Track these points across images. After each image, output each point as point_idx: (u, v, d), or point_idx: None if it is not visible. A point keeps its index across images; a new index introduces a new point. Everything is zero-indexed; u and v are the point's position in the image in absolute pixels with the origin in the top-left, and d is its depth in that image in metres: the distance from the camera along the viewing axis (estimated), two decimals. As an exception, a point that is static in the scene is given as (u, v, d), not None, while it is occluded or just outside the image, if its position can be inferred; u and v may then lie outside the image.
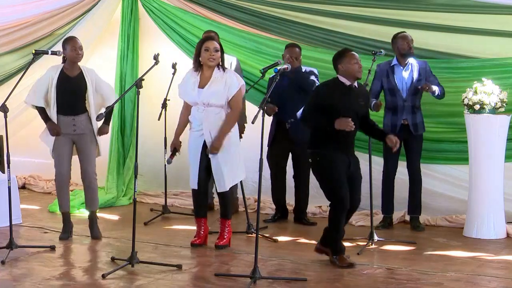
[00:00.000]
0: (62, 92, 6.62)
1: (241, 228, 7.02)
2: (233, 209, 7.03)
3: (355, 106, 5.84)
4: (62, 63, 6.70)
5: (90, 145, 6.67)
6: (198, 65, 6.31)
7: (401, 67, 7.20)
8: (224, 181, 6.31)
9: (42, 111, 6.70)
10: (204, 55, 6.24)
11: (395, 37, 7.21)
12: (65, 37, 6.91)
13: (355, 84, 5.89)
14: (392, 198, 7.34)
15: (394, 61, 7.22)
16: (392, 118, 7.21)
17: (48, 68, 6.77)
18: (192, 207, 8.04)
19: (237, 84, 6.27)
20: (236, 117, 6.31)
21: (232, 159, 6.31)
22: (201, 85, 6.27)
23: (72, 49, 6.59)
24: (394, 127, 7.16)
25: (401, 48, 7.15)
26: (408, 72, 7.18)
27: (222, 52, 6.35)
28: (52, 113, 6.64)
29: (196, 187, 6.41)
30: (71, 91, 6.63)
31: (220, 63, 6.31)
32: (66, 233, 6.78)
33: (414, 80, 7.14)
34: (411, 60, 7.20)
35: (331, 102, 5.75)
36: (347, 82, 5.84)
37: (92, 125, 6.66)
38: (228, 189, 6.38)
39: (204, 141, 6.28)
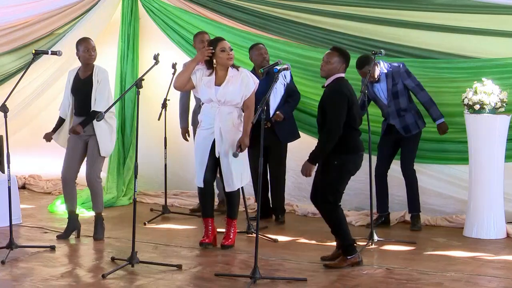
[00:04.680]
0: (74, 94, 6.70)
1: (241, 228, 7.02)
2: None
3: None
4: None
5: (95, 148, 6.66)
6: (211, 66, 6.33)
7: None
8: (233, 180, 6.32)
9: (59, 121, 6.78)
10: (222, 56, 6.27)
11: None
12: (79, 39, 6.84)
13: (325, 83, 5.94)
14: (385, 196, 7.35)
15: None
16: (384, 122, 7.37)
17: (68, 72, 6.85)
18: (191, 207, 8.11)
19: (252, 83, 6.32)
20: (253, 114, 6.34)
21: (241, 160, 6.31)
22: (218, 83, 6.29)
23: (85, 50, 6.62)
24: (383, 129, 7.36)
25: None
26: (381, 81, 7.19)
27: None
28: (70, 114, 6.72)
29: (202, 185, 6.40)
30: (80, 93, 6.66)
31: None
32: (66, 233, 6.78)
33: (389, 86, 7.16)
34: (383, 69, 7.19)
35: None
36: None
37: (94, 127, 6.63)
38: (236, 189, 6.39)
39: (213, 140, 6.28)
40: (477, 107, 6.85)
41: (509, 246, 6.67)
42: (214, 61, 6.29)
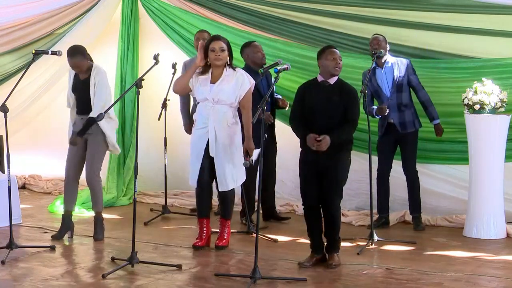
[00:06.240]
0: (75, 93, 6.74)
1: (241, 228, 7.01)
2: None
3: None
4: None
5: (95, 146, 6.67)
6: (206, 66, 6.32)
7: (380, 68, 7.20)
8: (226, 180, 6.29)
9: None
10: (211, 56, 6.25)
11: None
12: (70, 47, 6.78)
13: (330, 80, 5.86)
14: (386, 197, 7.34)
15: (374, 64, 7.14)
16: (382, 119, 7.24)
17: (69, 69, 6.86)
18: (191, 207, 8.10)
19: (248, 83, 6.28)
20: (251, 115, 6.31)
21: (235, 160, 6.30)
22: (213, 81, 6.27)
23: (73, 66, 6.67)
24: (381, 127, 7.24)
25: (371, 49, 7.16)
26: (387, 71, 7.17)
27: (231, 50, 6.34)
28: (73, 111, 6.78)
29: (196, 185, 6.39)
30: (80, 92, 6.70)
31: (228, 62, 6.31)
32: (60, 233, 6.78)
33: (395, 77, 7.13)
34: (390, 59, 7.18)
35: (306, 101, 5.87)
36: (320, 78, 5.89)
37: (100, 126, 6.63)
38: (230, 189, 6.37)
39: (208, 140, 6.27)
40: (477, 107, 6.85)
41: (509, 246, 6.67)
42: (208, 59, 6.29)
